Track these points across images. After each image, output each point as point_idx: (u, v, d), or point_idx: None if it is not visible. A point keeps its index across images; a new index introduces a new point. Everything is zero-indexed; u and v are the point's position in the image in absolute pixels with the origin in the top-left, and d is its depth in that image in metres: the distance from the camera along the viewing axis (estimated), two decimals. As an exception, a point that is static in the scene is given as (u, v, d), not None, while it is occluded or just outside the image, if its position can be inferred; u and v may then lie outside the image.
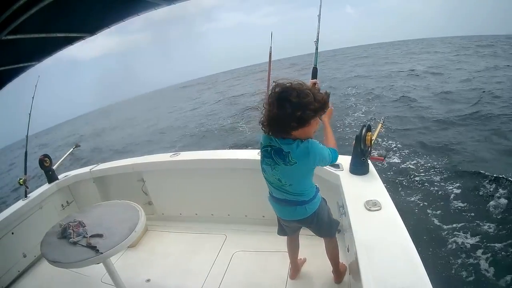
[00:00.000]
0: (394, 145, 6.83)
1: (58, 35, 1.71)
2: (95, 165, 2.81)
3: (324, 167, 1.87)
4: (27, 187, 2.46)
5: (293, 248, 1.88)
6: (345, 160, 1.91)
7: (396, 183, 5.14)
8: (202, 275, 2.08)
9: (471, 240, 3.69)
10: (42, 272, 2.37)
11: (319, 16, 1.86)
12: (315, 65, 1.78)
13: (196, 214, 2.72)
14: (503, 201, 4.39)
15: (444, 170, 5.49)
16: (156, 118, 20.88)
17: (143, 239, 2.60)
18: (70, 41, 1.83)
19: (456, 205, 4.41)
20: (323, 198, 1.62)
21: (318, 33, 1.85)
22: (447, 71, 16.48)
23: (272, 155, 1.35)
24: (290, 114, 1.20)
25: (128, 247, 1.90)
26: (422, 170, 5.56)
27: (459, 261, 3.38)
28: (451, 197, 4.63)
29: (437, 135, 7.30)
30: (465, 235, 3.79)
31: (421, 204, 4.49)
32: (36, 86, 2.76)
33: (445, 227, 3.96)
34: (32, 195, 2.49)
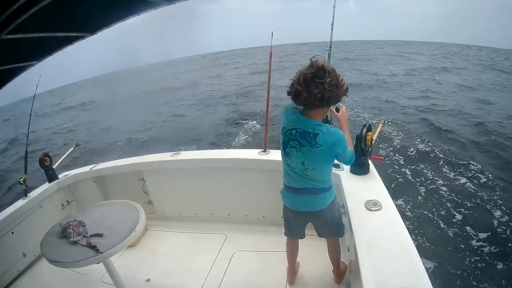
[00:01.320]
0: (395, 145, 6.83)
1: (59, 34, 1.70)
2: (95, 165, 2.81)
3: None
4: (27, 186, 2.46)
5: (293, 250, 1.85)
6: None
7: (396, 183, 5.14)
8: (202, 275, 2.08)
9: (471, 240, 3.69)
10: (42, 271, 2.37)
11: (332, 25, 1.88)
12: None
13: (196, 213, 2.72)
14: (505, 201, 4.39)
15: (445, 170, 5.49)
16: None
17: (143, 238, 2.60)
18: (70, 40, 1.83)
19: (456, 205, 4.41)
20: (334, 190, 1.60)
21: (331, 42, 1.88)
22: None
23: (298, 137, 1.37)
24: (332, 89, 1.26)
25: (128, 246, 1.90)
26: (422, 170, 5.55)
27: (459, 260, 3.38)
28: (451, 196, 4.63)
29: (437, 134, 7.30)
30: (465, 235, 3.79)
31: (422, 204, 4.49)
32: (37, 85, 2.76)
33: (445, 227, 3.96)
34: (32, 194, 2.49)
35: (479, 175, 5.21)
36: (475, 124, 7.99)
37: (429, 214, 4.23)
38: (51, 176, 2.67)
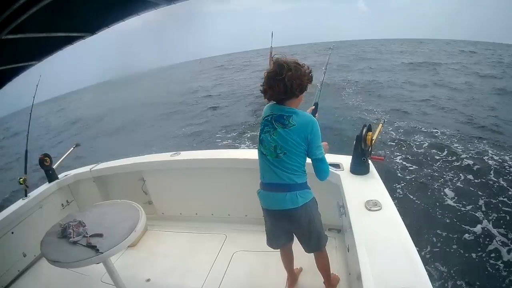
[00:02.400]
0: (395, 144, 6.83)
1: (59, 34, 1.70)
2: (95, 165, 2.81)
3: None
4: (27, 186, 2.46)
5: (287, 260, 1.82)
6: (345, 160, 1.92)
7: (396, 182, 5.14)
8: (202, 275, 2.08)
9: (471, 240, 3.69)
10: (42, 271, 2.37)
11: (325, 69, 2.12)
12: (317, 101, 1.97)
13: (196, 214, 2.72)
14: (505, 200, 4.39)
15: (446, 169, 5.49)
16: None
17: (143, 238, 2.59)
18: (70, 40, 1.83)
19: (456, 205, 4.41)
20: (315, 199, 1.55)
21: (322, 80, 2.10)
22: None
23: (273, 121, 1.44)
24: (293, 81, 1.37)
25: (128, 246, 1.90)
26: (422, 170, 5.55)
27: (459, 261, 3.38)
28: (451, 197, 4.63)
29: (436, 133, 7.29)
30: (465, 235, 3.79)
31: (422, 204, 4.49)
32: (37, 85, 2.76)
33: (445, 227, 3.96)
34: (32, 194, 2.49)
35: (479, 174, 5.21)
36: (481, 124, 7.95)
37: (430, 214, 4.23)
38: (51, 176, 2.67)
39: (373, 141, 1.74)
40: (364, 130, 1.73)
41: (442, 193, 4.75)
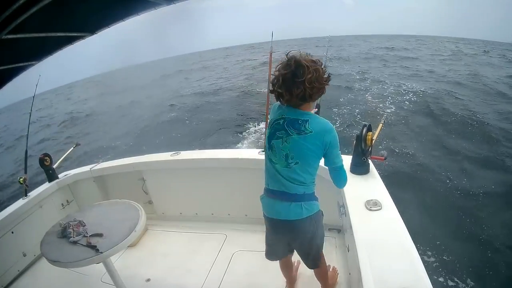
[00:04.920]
0: (395, 143, 6.82)
1: (59, 34, 1.71)
2: (95, 164, 2.81)
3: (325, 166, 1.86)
4: (27, 186, 2.46)
5: (286, 269, 1.79)
6: (345, 160, 1.91)
7: (396, 182, 5.14)
8: (202, 274, 2.08)
9: (471, 240, 3.69)
10: (42, 271, 2.37)
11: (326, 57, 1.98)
12: (319, 102, 1.75)
13: (196, 213, 2.72)
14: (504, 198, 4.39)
15: (445, 169, 5.49)
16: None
17: (143, 238, 2.60)
18: (70, 40, 1.84)
19: (457, 204, 4.41)
20: (321, 212, 1.47)
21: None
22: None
23: (285, 126, 1.29)
24: (314, 85, 1.21)
25: (128, 246, 1.90)
26: (422, 170, 5.55)
27: (459, 261, 3.38)
28: (451, 196, 4.63)
29: (436, 133, 7.29)
30: (465, 234, 3.79)
31: (422, 204, 4.49)
32: (37, 85, 2.77)
33: (445, 227, 3.96)
34: (32, 194, 2.49)
35: (480, 172, 5.20)
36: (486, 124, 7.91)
37: (430, 214, 4.23)
38: (51, 175, 2.67)
39: (373, 141, 1.74)
40: (364, 130, 1.73)
41: (442, 193, 4.75)
